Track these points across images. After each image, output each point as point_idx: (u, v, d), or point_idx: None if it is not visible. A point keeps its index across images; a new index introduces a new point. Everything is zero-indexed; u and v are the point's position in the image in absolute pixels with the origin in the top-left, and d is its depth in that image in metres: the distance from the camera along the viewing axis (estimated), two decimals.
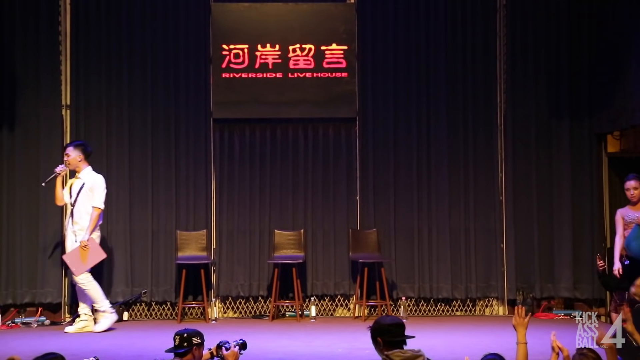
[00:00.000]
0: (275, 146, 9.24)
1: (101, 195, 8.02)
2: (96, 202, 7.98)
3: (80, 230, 7.91)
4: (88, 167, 8.15)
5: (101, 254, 7.99)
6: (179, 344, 5.08)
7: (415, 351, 4.44)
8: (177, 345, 5.09)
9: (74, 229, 7.96)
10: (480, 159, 9.27)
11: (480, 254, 9.19)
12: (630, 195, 7.55)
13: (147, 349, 6.62)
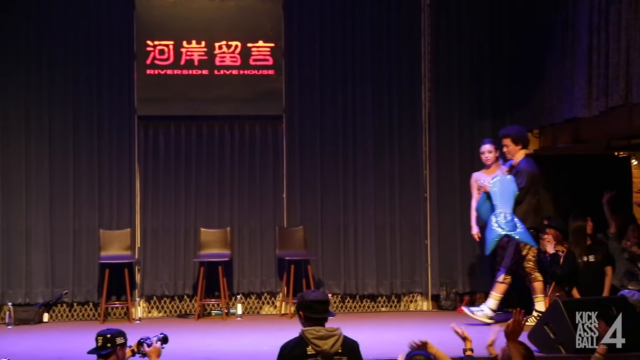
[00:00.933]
0: (201, 144, 9.14)
1: None
2: None
3: None
4: None
5: None
6: (101, 344, 4.95)
7: (330, 330, 4.43)
8: (100, 346, 4.95)
9: None
10: (405, 157, 9.35)
11: (405, 250, 9.27)
12: (485, 158, 7.96)
13: (68, 351, 6.50)
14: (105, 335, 4.97)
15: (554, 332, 6.21)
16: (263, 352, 6.24)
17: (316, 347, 4.37)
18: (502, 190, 7.54)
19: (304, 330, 4.44)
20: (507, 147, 7.74)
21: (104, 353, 4.96)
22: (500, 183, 7.59)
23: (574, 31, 7.62)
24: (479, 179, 8.02)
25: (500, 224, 7.41)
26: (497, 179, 7.65)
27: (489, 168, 8.04)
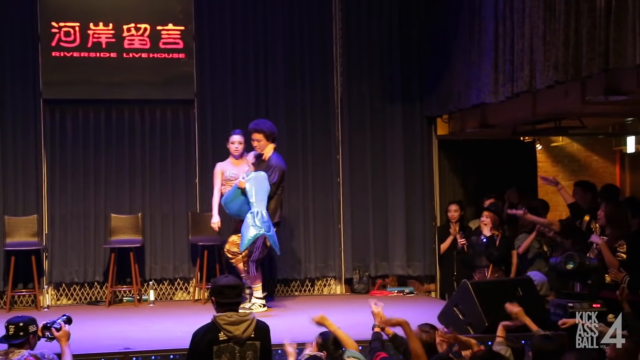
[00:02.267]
0: (110, 128, 8.99)
1: None
2: None
3: None
4: None
5: None
6: (13, 333, 4.83)
7: (242, 315, 4.47)
8: (12, 334, 4.83)
9: None
10: (318, 141, 9.41)
11: (319, 235, 9.34)
12: (235, 149, 7.88)
13: None
14: (17, 324, 4.85)
15: (463, 313, 6.42)
16: (176, 337, 6.21)
17: (228, 333, 4.40)
18: (257, 187, 7.44)
19: (215, 317, 4.46)
20: (259, 142, 7.64)
21: (17, 342, 4.85)
22: (255, 180, 7.46)
23: (480, 18, 7.81)
24: (226, 170, 7.81)
25: (257, 224, 7.37)
26: (252, 175, 7.49)
27: (237, 159, 7.86)
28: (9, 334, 4.84)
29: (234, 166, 7.84)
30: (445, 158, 9.61)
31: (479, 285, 6.64)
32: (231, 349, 4.40)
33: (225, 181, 7.80)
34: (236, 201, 7.52)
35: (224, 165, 7.90)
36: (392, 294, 9.19)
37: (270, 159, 7.68)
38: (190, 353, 4.46)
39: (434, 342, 4.87)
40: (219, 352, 4.38)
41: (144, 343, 6.05)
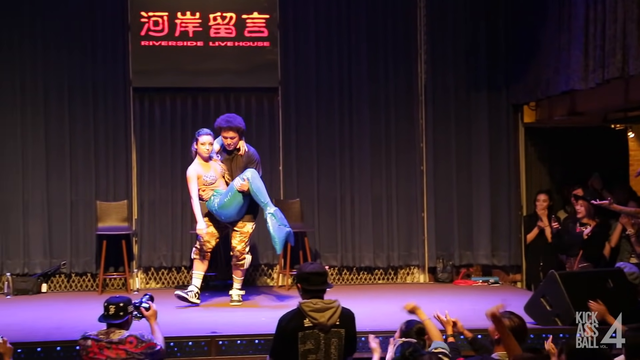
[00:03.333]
0: (196, 116, 9.10)
1: None
2: None
3: None
4: None
5: None
6: (114, 313, 4.96)
7: (328, 302, 4.48)
8: (113, 314, 4.96)
9: None
10: (401, 129, 9.34)
11: (402, 223, 9.29)
12: (206, 150, 7.34)
13: (67, 321, 6.52)
14: (117, 304, 4.97)
15: (550, 304, 6.28)
16: (261, 323, 6.27)
17: (313, 320, 4.41)
18: (260, 186, 7.25)
19: (301, 303, 4.48)
20: (232, 139, 7.34)
21: (118, 322, 4.97)
22: (256, 179, 7.22)
23: (570, 3, 7.61)
24: (203, 174, 7.33)
25: (283, 222, 7.29)
26: (250, 173, 7.21)
27: (207, 161, 7.40)
28: (109, 314, 4.96)
29: (207, 168, 7.37)
30: (531, 146, 9.42)
31: (567, 276, 6.48)
32: (316, 336, 4.42)
33: (205, 186, 7.32)
34: (234, 205, 7.25)
35: (197, 168, 7.34)
36: (476, 283, 9.09)
37: (249, 153, 7.43)
38: (276, 338, 4.51)
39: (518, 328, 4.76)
40: (303, 338, 4.41)
41: (229, 328, 6.12)
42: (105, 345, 4.87)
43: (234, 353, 5.74)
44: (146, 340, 4.95)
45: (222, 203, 7.26)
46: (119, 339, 4.88)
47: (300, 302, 4.49)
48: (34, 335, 5.98)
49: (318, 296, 4.52)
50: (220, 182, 7.39)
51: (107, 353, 4.86)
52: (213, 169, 7.38)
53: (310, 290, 4.51)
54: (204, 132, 7.39)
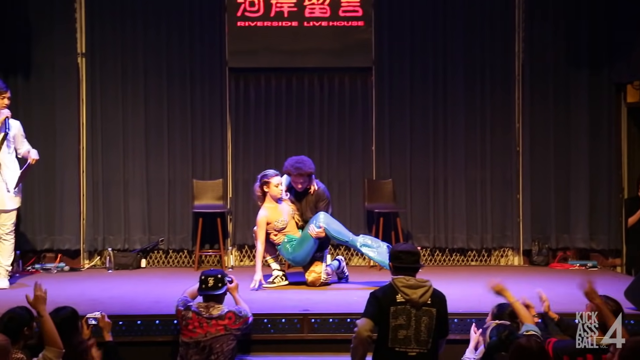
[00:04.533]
0: (290, 96, 9.18)
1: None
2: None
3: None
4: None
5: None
6: (213, 284, 5.11)
7: (420, 280, 4.50)
8: (212, 286, 5.11)
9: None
10: (497, 109, 9.19)
11: (496, 205, 9.17)
12: (279, 191, 7.19)
13: (165, 296, 6.68)
14: (215, 276, 5.13)
15: None
16: (353, 302, 6.31)
17: (405, 296, 4.45)
18: (338, 225, 7.16)
19: (394, 279, 4.53)
20: (304, 183, 7.27)
21: (217, 293, 5.11)
22: (332, 222, 7.09)
23: None
24: (274, 219, 7.13)
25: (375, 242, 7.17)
26: (323, 218, 7.01)
27: (278, 202, 7.25)
28: (209, 286, 5.11)
29: (276, 213, 7.18)
30: (634, 126, 9.10)
31: None
32: (408, 312, 4.45)
33: (276, 232, 7.16)
34: (306, 250, 7.12)
35: (267, 214, 7.15)
36: (573, 267, 8.88)
37: (319, 191, 7.33)
38: (371, 303, 4.54)
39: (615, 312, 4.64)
40: (395, 313, 4.45)
41: (321, 306, 6.18)
42: (206, 319, 5.02)
43: (326, 331, 5.80)
44: (243, 315, 5.10)
45: (295, 250, 7.12)
46: (218, 315, 5.03)
47: (393, 277, 4.53)
48: (134, 308, 6.17)
49: (409, 274, 4.56)
50: (291, 225, 7.25)
51: (207, 328, 5.02)
52: (284, 212, 7.20)
53: (401, 268, 4.56)
54: (273, 174, 7.23)
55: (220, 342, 5.02)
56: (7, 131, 7.28)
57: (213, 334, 5.02)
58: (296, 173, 7.24)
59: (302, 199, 7.39)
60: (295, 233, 7.21)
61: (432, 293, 4.55)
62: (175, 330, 5.58)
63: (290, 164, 7.33)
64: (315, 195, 7.35)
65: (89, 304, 5.95)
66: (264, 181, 7.21)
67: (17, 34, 8.82)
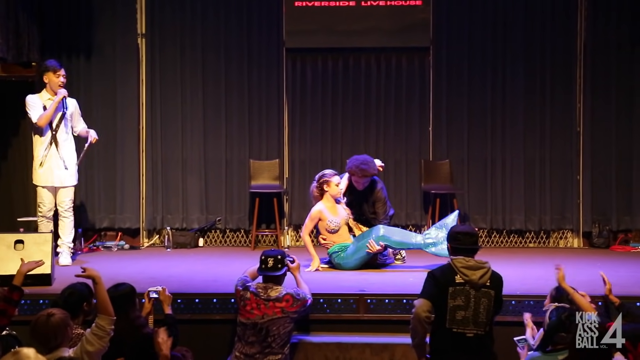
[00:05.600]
0: (347, 76, 9.15)
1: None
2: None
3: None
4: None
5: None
6: (273, 265, 5.10)
7: (480, 262, 4.45)
8: (272, 266, 5.11)
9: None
10: (557, 89, 9.01)
11: (555, 186, 9.03)
12: (339, 191, 7.08)
13: (222, 275, 6.73)
14: (276, 257, 5.12)
15: None
16: (409, 283, 6.30)
17: (464, 276, 4.41)
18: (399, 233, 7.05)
19: (453, 259, 4.49)
20: (365, 183, 7.20)
21: (278, 274, 5.12)
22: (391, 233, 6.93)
23: None
24: (329, 217, 7.02)
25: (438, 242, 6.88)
26: (382, 232, 6.84)
27: (337, 202, 7.14)
28: (268, 266, 5.11)
29: (334, 211, 7.09)
30: None
31: None
32: (467, 293, 4.41)
33: (327, 232, 7.04)
34: (356, 259, 6.97)
35: (325, 211, 7.05)
36: (635, 249, 8.70)
37: (378, 189, 7.23)
38: (429, 283, 4.50)
39: None
40: (454, 294, 4.41)
41: (377, 287, 6.16)
42: (263, 301, 5.02)
43: (382, 312, 5.78)
44: (301, 298, 5.08)
45: (348, 258, 6.98)
46: (276, 297, 5.03)
47: (452, 257, 4.49)
48: (192, 286, 6.23)
49: (468, 255, 4.51)
50: (344, 231, 7.11)
51: (264, 310, 5.02)
52: (340, 214, 7.09)
53: (460, 249, 4.51)
54: (332, 174, 7.14)
55: (277, 325, 5.02)
56: (65, 110, 7.41)
57: (270, 316, 5.01)
58: (361, 175, 7.15)
59: (360, 195, 7.29)
60: (347, 239, 7.09)
61: (491, 275, 4.50)
62: (232, 309, 5.62)
63: (355, 164, 7.18)
64: (373, 193, 7.25)
65: (148, 281, 6.03)
66: (324, 180, 7.09)
67: (78, 14, 8.95)
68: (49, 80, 7.33)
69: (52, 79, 7.31)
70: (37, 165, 7.33)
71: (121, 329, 4.45)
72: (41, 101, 7.30)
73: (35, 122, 7.22)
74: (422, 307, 4.45)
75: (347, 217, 7.14)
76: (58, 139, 7.35)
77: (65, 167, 7.37)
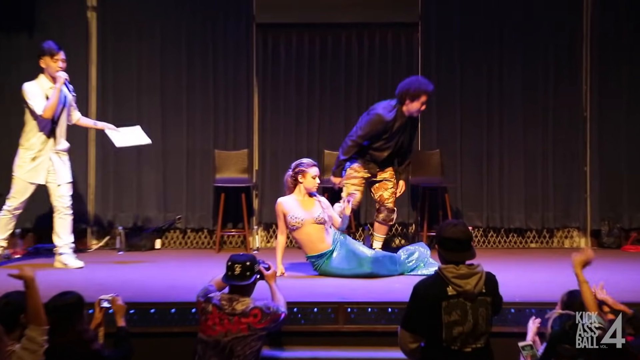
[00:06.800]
0: (326, 55, 9.11)
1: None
2: None
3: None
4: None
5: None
6: (240, 273, 4.96)
7: (471, 268, 4.34)
8: (239, 274, 4.96)
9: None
10: (561, 70, 9.03)
11: (560, 179, 9.07)
12: (315, 185, 6.90)
13: (182, 281, 6.66)
14: (244, 263, 4.96)
15: None
16: (394, 289, 6.26)
17: (457, 287, 4.28)
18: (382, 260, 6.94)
19: (441, 268, 4.35)
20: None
21: (246, 284, 4.97)
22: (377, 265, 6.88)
23: None
24: (293, 214, 6.84)
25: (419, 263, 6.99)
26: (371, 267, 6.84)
27: (313, 196, 6.96)
28: (235, 274, 4.96)
29: (301, 206, 6.86)
30: None
31: None
32: (462, 305, 4.29)
33: (292, 229, 6.87)
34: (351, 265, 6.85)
35: (286, 202, 6.87)
36: None
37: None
38: (412, 307, 4.40)
39: None
40: (448, 308, 4.29)
41: (359, 293, 6.10)
42: (227, 316, 4.86)
43: (364, 322, 5.69)
44: (272, 312, 4.91)
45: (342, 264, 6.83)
46: (242, 311, 4.86)
47: (441, 267, 4.37)
48: (147, 295, 6.12)
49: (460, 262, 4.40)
50: (312, 231, 6.81)
51: (228, 326, 4.84)
52: (310, 210, 6.84)
53: (452, 257, 4.38)
54: (310, 163, 6.94)
55: (242, 344, 4.83)
56: (72, 94, 7.36)
57: (234, 333, 4.84)
58: (428, 96, 7.26)
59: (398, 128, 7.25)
60: (316, 245, 6.84)
61: (486, 279, 4.40)
62: (194, 320, 5.51)
63: (417, 84, 7.26)
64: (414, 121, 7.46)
65: (97, 289, 5.89)
66: (300, 170, 6.93)
67: None
68: (46, 65, 7.21)
69: (50, 63, 7.20)
70: (27, 157, 7.24)
71: (66, 343, 4.35)
72: (41, 90, 7.18)
73: (41, 113, 7.10)
74: (405, 340, 4.37)
75: (321, 218, 6.88)
76: (57, 133, 7.26)
77: (62, 161, 7.33)
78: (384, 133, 7.22)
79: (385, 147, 7.28)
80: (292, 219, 6.82)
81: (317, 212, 6.87)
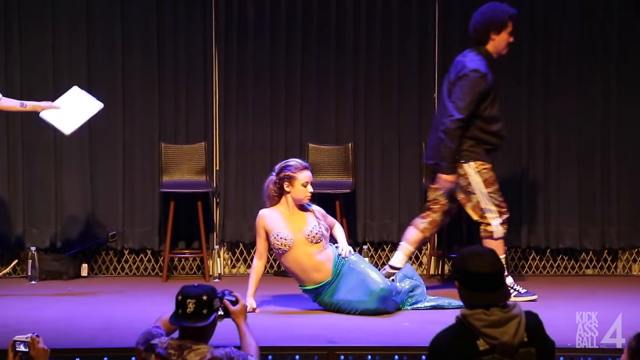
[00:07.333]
0: (310, 21, 9.25)
1: None
2: None
3: None
4: None
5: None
6: (194, 311, 4.93)
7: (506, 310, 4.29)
8: (193, 313, 4.94)
9: None
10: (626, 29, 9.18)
11: (624, 184, 9.22)
12: (308, 194, 7.02)
13: (118, 319, 6.70)
14: (199, 297, 4.91)
15: None
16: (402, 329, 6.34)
17: (491, 340, 4.24)
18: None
19: (467, 316, 4.29)
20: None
21: (202, 325, 4.94)
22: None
23: None
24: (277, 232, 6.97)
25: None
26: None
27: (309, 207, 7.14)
28: (187, 312, 4.94)
29: (287, 222, 6.98)
30: None
31: None
32: None
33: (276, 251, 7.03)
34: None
35: (268, 216, 7.02)
36: None
37: None
38: None
39: None
40: None
41: (354, 336, 6.17)
42: None
43: None
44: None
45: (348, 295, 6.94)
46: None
47: (464, 313, 4.32)
48: (71, 338, 6.16)
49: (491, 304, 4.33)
50: (302, 255, 6.94)
51: None
52: (300, 228, 6.96)
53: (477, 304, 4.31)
54: (300, 166, 7.05)
55: None
56: None
57: None
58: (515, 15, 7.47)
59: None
60: (314, 275, 6.95)
61: (527, 324, 4.36)
62: None
63: (501, 8, 7.46)
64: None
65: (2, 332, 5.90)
66: (287, 175, 6.98)
67: None
68: None
69: None
70: None
71: None
72: None
73: None
74: None
75: (315, 234, 6.92)
76: None
77: None
78: (488, 94, 7.35)
79: (495, 116, 7.44)
80: (277, 240, 6.88)
81: (311, 225, 6.90)
